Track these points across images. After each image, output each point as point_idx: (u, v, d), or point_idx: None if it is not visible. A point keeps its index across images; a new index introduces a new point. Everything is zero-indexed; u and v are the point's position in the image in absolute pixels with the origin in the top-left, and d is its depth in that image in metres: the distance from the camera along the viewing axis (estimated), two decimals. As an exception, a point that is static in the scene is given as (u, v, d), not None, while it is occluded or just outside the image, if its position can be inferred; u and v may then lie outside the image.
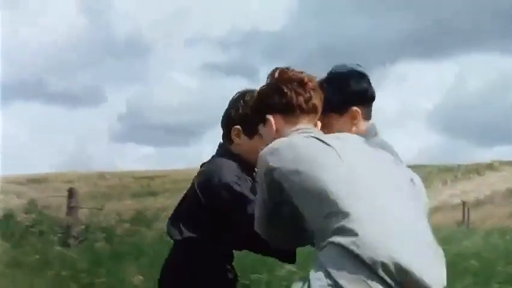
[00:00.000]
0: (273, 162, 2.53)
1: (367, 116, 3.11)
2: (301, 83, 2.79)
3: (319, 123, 2.86)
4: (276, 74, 2.82)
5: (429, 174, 36.89)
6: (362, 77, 3.15)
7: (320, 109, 2.83)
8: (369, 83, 3.16)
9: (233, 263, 3.34)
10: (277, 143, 2.60)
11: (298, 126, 2.73)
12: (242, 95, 3.23)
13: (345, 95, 3.04)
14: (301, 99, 2.76)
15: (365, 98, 3.12)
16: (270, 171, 2.54)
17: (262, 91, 2.84)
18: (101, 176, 29.52)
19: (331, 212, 2.40)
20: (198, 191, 3.19)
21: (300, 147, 2.55)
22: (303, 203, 2.50)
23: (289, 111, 2.76)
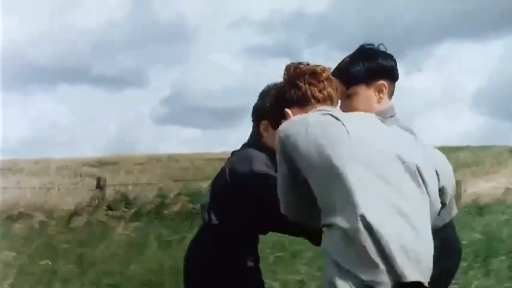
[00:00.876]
0: (285, 134, 2.71)
1: (391, 94, 3.31)
2: (314, 74, 2.99)
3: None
4: (290, 70, 3.03)
5: (500, 155, 35.79)
6: (390, 56, 3.37)
7: (335, 97, 3.02)
8: (395, 62, 3.36)
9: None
10: (293, 118, 2.83)
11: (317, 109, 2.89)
12: (269, 89, 3.41)
13: (375, 67, 3.25)
14: (315, 89, 2.96)
15: (393, 74, 3.33)
16: (283, 142, 2.70)
17: (278, 88, 3.08)
18: (171, 158, 29.50)
19: (335, 190, 2.51)
20: (228, 177, 3.40)
21: (312, 122, 2.70)
22: (311, 176, 2.62)
23: (305, 102, 2.96)
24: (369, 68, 3.24)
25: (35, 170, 26.94)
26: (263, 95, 3.46)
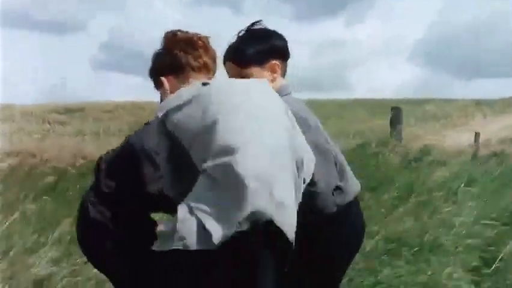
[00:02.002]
0: (162, 115, 2.49)
1: (284, 73, 3.27)
2: (190, 42, 2.90)
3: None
4: (167, 37, 2.91)
5: (466, 107, 36.43)
6: (280, 35, 3.34)
7: (211, 66, 2.94)
8: (286, 42, 3.32)
9: None
10: (165, 101, 2.58)
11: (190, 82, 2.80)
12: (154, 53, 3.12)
13: (267, 48, 3.21)
14: (190, 57, 2.87)
15: (285, 53, 3.29)
16: (161, 122, 2.51)
17: (154, 55, 2.94)
18: (136, 105, 29.69)
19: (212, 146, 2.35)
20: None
21: (184, 95, 2.53)
22: (191, 144, 2.43)
23: (180, 70, 2.87)
24: (262, 50, 3.23)
25: (3, 115, 26.91)
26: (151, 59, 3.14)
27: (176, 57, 2.87)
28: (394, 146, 11.29)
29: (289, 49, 3.37)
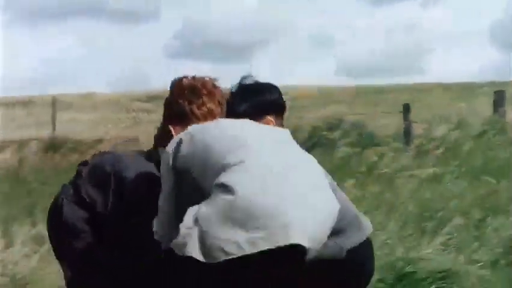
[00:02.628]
0: (172, 152, 2.68)
1: (280, 124, 3.28)
2: (194, 90, 3.01)
3: None
4: (173, 86, 3.07)
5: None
6: (275, 88, 3.36)
7: (218, 111, 3.02)
8: (281, 94, 3.35)
9: None
10: (174, 139, 2.76)
11: None
12: None
13: (260, 104, 3.23)
14: (194, 107, 2.98)
15: (278, 106, 3.31)
16: (173, 161, 2.67)
17: (164, 102, 3.11)
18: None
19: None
20: None
21: (195, 133, 2.70)
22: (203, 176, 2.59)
23: (185, 119, 2.96)
24: (253, 106, 3.23)
25: (84, 105, 27.30)
26: None
27: (180, 107, 2.99)
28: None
29: (284, 102, 3.36)
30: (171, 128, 2.99)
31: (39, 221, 7.67)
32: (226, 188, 2.45)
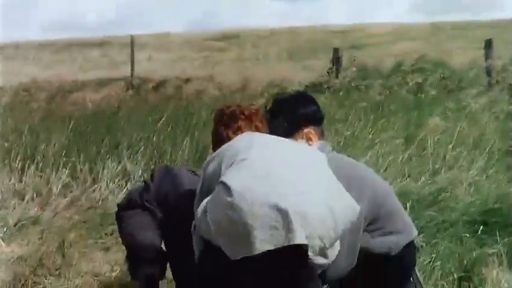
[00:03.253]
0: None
1: (321, 134, 3.32)
2: (232, 115, 3.20)
3: None
4: (216, 113, 3.30)
5: None
6: (309, 101, 3.38)
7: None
8: (317, 104, 3.37)
9: None
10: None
11: None
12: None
13: (296, 118, 3.28)
14: (229, 131, 3.16)
15: (315, 119, 3.33)
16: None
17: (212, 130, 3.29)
18: (293, 31, 29.56)
19: None
20: None
21: (218, 152, 2.85)
22: None
23: (221, 143, 2.99)
24: (291, 121, 3.29)
25: (159, 44, 27.50)
26: None
27: (218, 133, 3.20)
28: None
29: (320, 113, 3.37)
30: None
31: (124, 157, 7.81)
32: (226, 188, 2.53)
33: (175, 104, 11.80)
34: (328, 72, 13.93)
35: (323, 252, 2.58)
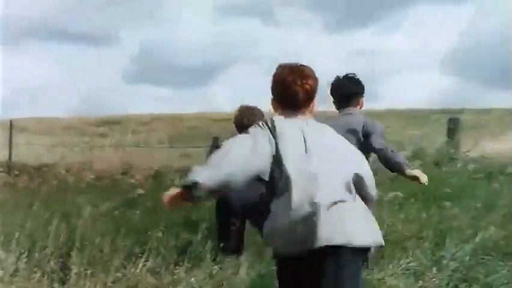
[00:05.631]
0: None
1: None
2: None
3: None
4: None
5: (502, 117, 35.90)
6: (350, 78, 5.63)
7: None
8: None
9: None
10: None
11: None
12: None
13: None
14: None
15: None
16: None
17: None
18: (175, 118, 29.79)
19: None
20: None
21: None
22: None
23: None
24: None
25: (40, 128, 27.09)
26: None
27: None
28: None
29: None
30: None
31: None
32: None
33: (49, 188, 11.59)
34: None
35: None
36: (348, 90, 5.44)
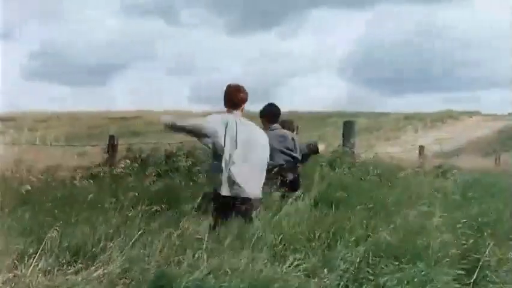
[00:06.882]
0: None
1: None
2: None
3: None
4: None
5: (397, 120, 37.07)
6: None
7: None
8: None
9: None
10: None
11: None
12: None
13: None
14: None
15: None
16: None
17: None
18: (72, 115, 29.27)
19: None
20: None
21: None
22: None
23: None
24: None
25: None
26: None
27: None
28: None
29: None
30: None
31: None
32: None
33: None
34: (106, 159, 13.79)
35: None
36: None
